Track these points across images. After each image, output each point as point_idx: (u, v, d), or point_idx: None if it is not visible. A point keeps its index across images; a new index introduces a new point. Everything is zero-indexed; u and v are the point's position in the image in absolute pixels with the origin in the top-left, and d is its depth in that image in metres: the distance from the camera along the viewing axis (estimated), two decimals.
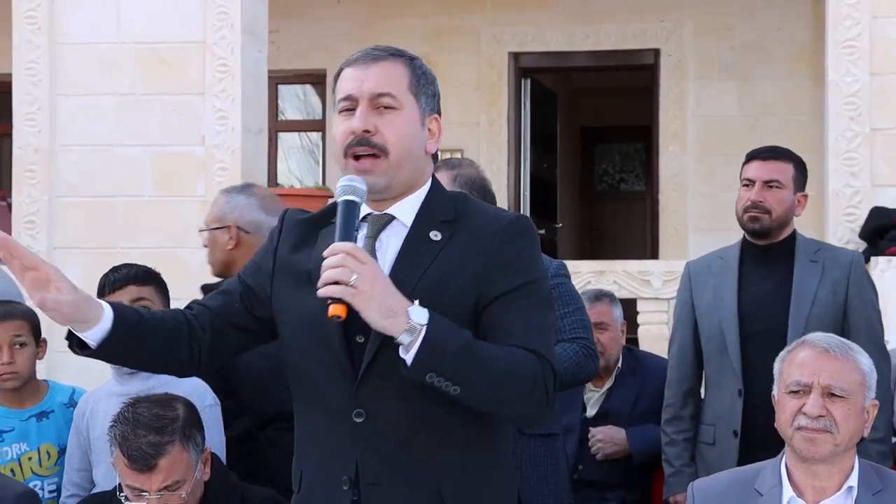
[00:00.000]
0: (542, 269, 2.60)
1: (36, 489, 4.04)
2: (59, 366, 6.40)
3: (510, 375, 2.43)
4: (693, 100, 9.64)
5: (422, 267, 2.49)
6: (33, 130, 6.93)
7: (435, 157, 2.70)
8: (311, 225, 2.66)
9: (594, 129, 14.44)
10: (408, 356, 2.37)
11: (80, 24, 6.96)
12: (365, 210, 2.57)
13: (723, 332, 4.25)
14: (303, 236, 2.63)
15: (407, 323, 2.36)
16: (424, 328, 2.36)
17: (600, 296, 5.14)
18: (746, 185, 4.29)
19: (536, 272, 2.56)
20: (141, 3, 6.93)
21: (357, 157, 2.53)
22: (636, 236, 13.51)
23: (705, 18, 9.61)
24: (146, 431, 3.24)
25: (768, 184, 4.25)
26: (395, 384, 2.44)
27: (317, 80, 10.28)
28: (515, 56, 10.02)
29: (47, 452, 4.20)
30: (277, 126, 10.46)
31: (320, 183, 9.62)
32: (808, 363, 3.05)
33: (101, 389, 3.97)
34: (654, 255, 9.94)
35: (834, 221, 6.39)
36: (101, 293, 3.89)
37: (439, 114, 2.65)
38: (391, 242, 2.56)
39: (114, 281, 3.88)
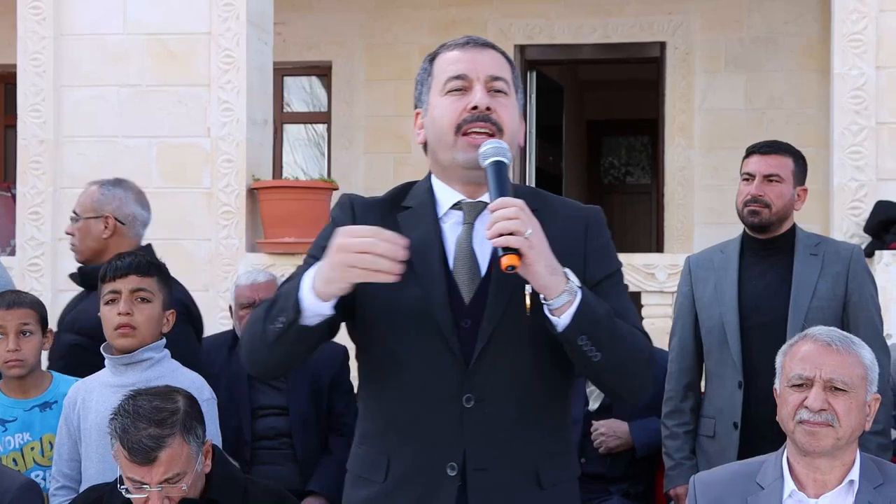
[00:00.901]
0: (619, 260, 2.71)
1: (38, 479, 4.05)
2: None
3: (638, 349, 2.52)
4: (700, 93, 9.62)
5: None
6: (38, 122, 6.94)
7: None
8: (384, 210, 2.64)
9: (600, 122, 14.42)
10: (563, 317, 2.41)
11: (85, 15, 6.96)
12: (457, 197, 2.61)
13: (723, 325, 4.26)
14: (381, 222, 2.56)
15: (567, 283, 2.41)
16: (580, 290, 2.42)
17: None
18: (746, 180, 4.31)
19: (618, 261, 2.68)
20: None
21: (469, 133, 2.54)
22: (642, 229, 13.49)
23: (713, 12, 9.59)
24: (147, 424, 3.24)
25: (768, 178, 4.26)
26: (505, 369, 2.50)
27: (323, 72, 10.27)
28: (522, 48, 10.01)
29: (50, 443, 4.21)
30: (283, 118, 10.45)
31: (325, 175, 9.62)
32: (810, 357, 3.06)
33: (93, 379, 3.95)
34: (659, 248, 9.94)
35: (839, 215, 6.38)
36: (103, 280, 3.89)
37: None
38: (485, 230, 2.55)
39: (115, 269, 3.87)
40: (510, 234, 2.36)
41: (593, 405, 5.03)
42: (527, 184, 10.21)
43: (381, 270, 2.34)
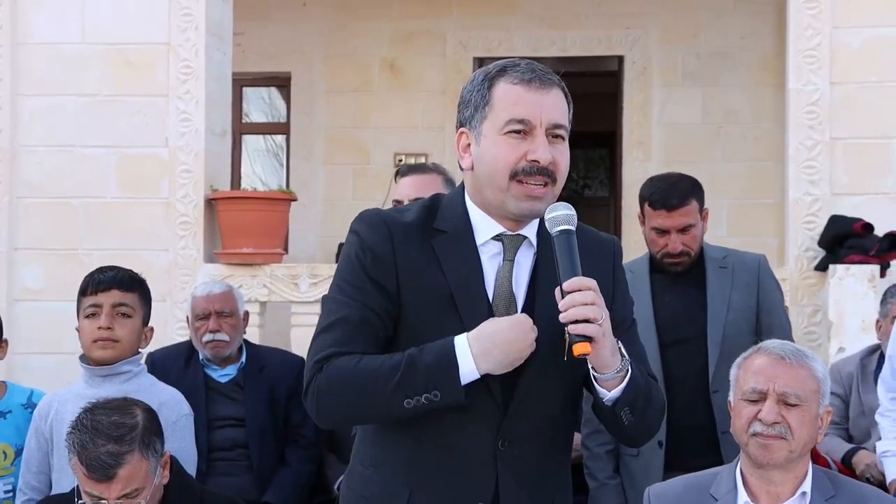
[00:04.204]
0: None
1: None
2: (17, 367, 6.38)
3: (660, 407, 2.64)
4: (657, 107, 9.68)
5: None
6: None
7: None
8: (418, 233, 2.58)
9: None
10: (613, 391, 2.48)
11: (43, 23, 6.91)
12: (497, 228, 2.57)
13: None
14: (418, 248, 2.55)
15: (622, 360, 2.47)
16: (629, 365, 2.48)
17: None
18: (659, 234, 4.28)
19: (631, 299, 2.75)
20: (106, 3, 6.89)
21: (524, 182, 2.50)
22: None
23: (670, 26, 9.64)
24: (105, 440, 3.22)
25: (682, 230, 4.26)
26: (539, 414, 2.56)
27: (282, 82, 10.25)
28: (481, 61, 10.03)
29: (3, 452, 4.19)
30: (242, 128, 10.42)
31: (284, 186, 9.60)
32: (763, 370, 3.08)
33: (67, 391, 3.94)
34: None
35: (794, 229, 6.43)
36: (84, 293, 3.87)
37: None
38: (523, 262, 2.59)
39: (98, 282, 3.86)
40: (586, 320, 2.36)
41: None
42: None
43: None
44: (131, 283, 3.90)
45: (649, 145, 9.66)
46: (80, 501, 3.26)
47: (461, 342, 2.42)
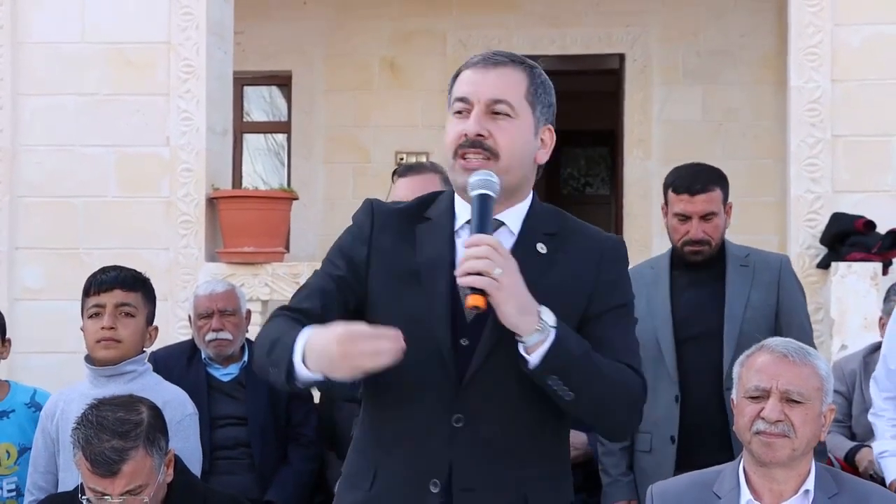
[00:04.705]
0: (633, 293, 2.70)
1: None
2: (18, 366, 6.38)
3: (620, 388, 2.51)
4: (658, 105, 9.67)
5: (532, 279, 2.48)
6: None
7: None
8: (404, 219, 2.64)
9: (559, 132, 14.25)
10: (533, 356, 2.41)
11: (44, 23, 6.91)
12: (468, 214, 2.58)
13: (658, 339, 4.26)
14: (398, 230, 2.61)
15: (539, 322, 2.40)
16: (554, 330, 2.41)
17: None
18: (681, 220, 4.28)
19: (631, 295, 2.67)
20: (106, 2, 6.90)
21: (465, 157, 2.54)
22: None
23: (670, 24, 9.64)
24: (110, 436, 3.22)
25: (704, 217, 4.26)
26: (499, 390, 2.49)
27: (282, 81, 10.25)
28: None
29: (7, 452, 4.19)
30: (243, 127, 10.42)
31: (285, 184, 9.61)
32: (766, 368, 3.08)
33: (73, 390, 3.94)
34: None
35: (795, 227, 6.44)
36: (87, 293, 3.87)
37: (554, 125, 2.67)
38: None
39: (101, 283, 3.86)
40: (478, 273, 2.36)
41: None
42: None
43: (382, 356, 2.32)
44: (134, 283, 3.90)
45: (650, 143, 9.66)
46: (83, 498, 3.26)
47: (300, 340, 2.40)
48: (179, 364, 5.15)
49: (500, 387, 2.49)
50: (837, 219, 6.30)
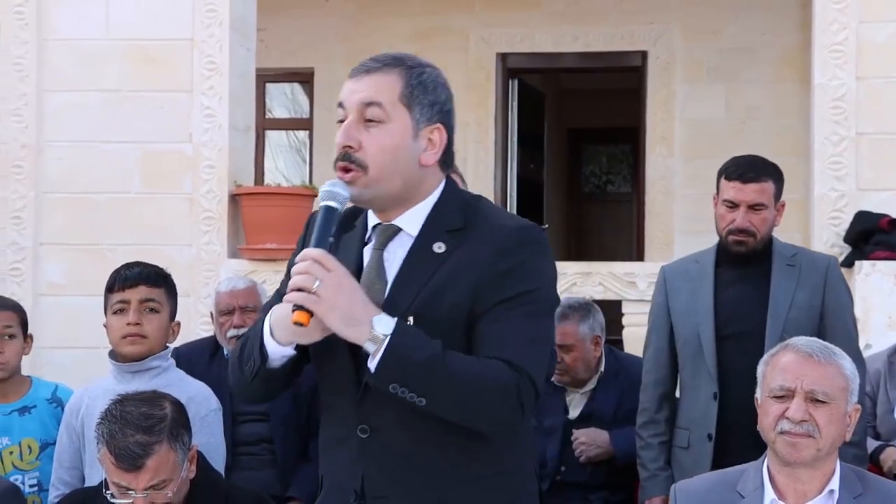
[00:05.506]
0: (548, 278, 2.58)
1: (16, 483, 4.04)
2: (41, 361, 6.41)
3: (478, 388, 2.43)
4: (680, 102, 9.65)
5: (420, 281, 2.49)
6: (20, 126, 6.92)
7: (447, 162, 2.63)
8: (340, 226, 2.60)
9: (581, 130, 14.44)
10: (370, 365, 2.39)
11: (68, 19, 6.94)
12: (374, 220, 2.59)
13: (699, 335, 4.25)
14: (336, 239, 2.58)
15: (370, 333, 2.38)
16: (387, 338, 2.37)
17: (566, 314, 4.96)
18: (729, 207, 4.26)
19: (539, 281, 2.53)
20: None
21: (341, 169, 2.52)
22: (622, 238, 13.51)
23: (693, 21, 9.62)
24: (134, 431, 3.24)
25: (753, 207, 4.22)
26: (395, 399, 2.43)
27: (304, 78, 10.27)
28: (503, 57, 10.02)
29: (28, 447, 4.21)
30: (265, 124, 10.45)
31: (307, 181, 9.61)
32: (791, 367, 3.06)
33: (97, 386, 3.95)
34: (639, 257, 9.96)
35: (819, 225, 6.40)
36: (111, 290, 3.88)
37: (445, 122, 2.60)
38: (398, 253, 2.56)
39: (125, 279, 3.86)
40: (299, 289, 2.37)
41: (573, 413, 5.04)
42: (508, 192, 10.23)
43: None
44: (157, 279, 3.91)
45: (672, 141, 9.65)
46: (108, 493, 3.27)
47: (266, 321, 2.53)
48: (202, 360, 5.16)
49: (396, 396, 2.43)
50: (861, 217, 6.26)
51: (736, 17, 9.54)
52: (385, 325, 2.38)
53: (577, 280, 6.69)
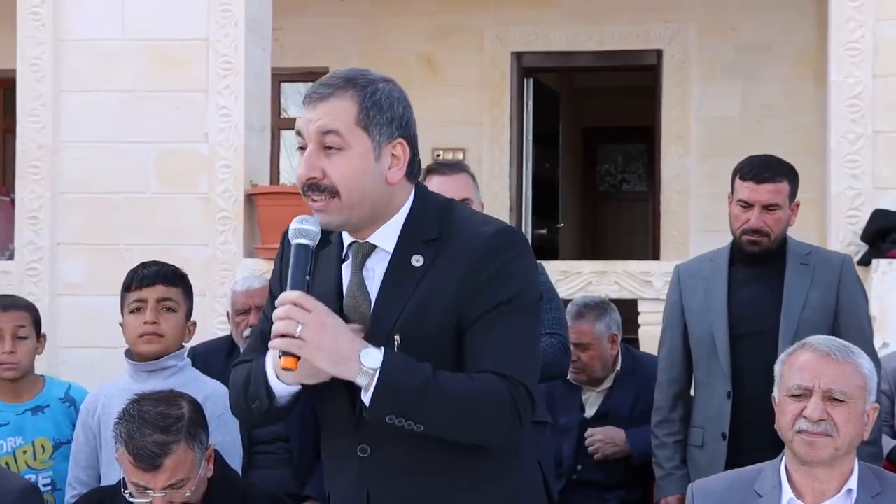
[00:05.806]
0: (529, 279, 2.54)
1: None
2: (59, 361, 6.43)
3: (473, 406, 2.42)
4: (696, 101, 9.64)
5: (402, 298, 2.47)
6: (37, 126, 6.94)
7: (413, 173, 2.59)
8: (317, 245, 2.57)
9: (597, 129, 14.43)
10: (364, 399, 2.39)
11: (84, 20, 6.97)
12: (349, 239, 2.56)
13: (713, 334, 4.25)
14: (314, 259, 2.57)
15: (360, 369, 2.36)
16: (377, 373, 2.36)
17: (582, 313, 4.99)
18: (743, 206, 4.25)
19: (520, 285, 2.50)
20: (145, 0, 6.94)
21: (310, 199, 2.49)
22: (638, 237, 13.51)
23: (709, 19, 9.60)
24: (152, 430, 3.25)
25: (767, 207, 4.21)
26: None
27: (319, 77, 10.26)
28: (518, 56, 10.02)
29: (42, 446, 4.22)
30: (280, 123, 10.46)
31: None
32: (809, 366, 3.05)
33: (113, 386, 3.95)
34: (655, 255, 9.95)
35: (836, 223, 6.39)
36: (128, 289, 3.89)
37: (406, 135, 2.53)
38: (377, 270, 2.54)
39: (142, 278, 3.87)
40: (282, 335, 2.36)
41: (589, 412, 5.04)
42: (523, 191, 10.23)
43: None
44: (174, 278, 3.91)
45: (688, 139, 9.63)
46: (126, 492, 3.28)
47: (268, 362, 2.52)
48: (218, 359, 5.17)
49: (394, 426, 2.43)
50: (878, 215, 6.25)
51: (751, 15, 9.52)
52: (373, 358, 2.36)
53: (592, 279, 6.69)
